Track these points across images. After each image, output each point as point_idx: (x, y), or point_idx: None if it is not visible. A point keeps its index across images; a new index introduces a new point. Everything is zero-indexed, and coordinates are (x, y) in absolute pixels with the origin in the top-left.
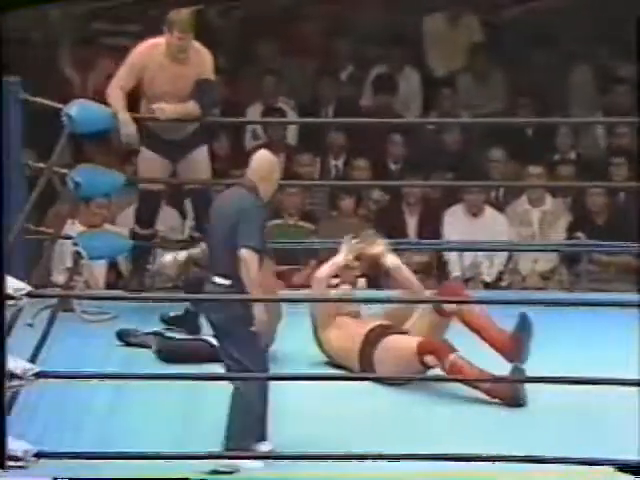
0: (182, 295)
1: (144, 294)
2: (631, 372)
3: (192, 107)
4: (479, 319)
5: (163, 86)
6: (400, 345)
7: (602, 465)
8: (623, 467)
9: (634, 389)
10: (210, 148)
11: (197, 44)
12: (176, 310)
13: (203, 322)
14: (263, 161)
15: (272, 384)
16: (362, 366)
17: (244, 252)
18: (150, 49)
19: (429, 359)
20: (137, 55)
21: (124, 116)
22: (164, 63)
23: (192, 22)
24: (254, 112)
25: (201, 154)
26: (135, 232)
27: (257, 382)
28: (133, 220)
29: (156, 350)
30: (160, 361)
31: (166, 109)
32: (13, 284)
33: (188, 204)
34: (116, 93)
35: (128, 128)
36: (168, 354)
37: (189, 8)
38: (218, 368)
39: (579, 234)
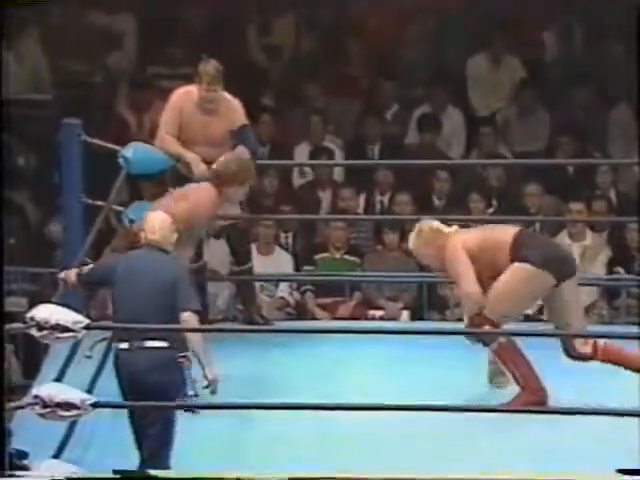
0: (239, 327)
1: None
2: None
3: (242, 152)
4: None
5: (194, 132)
6: None
7: None
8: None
9: None
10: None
11: (227, 95)
12: None
13: None
14: (165, 222)
15: None
16: None
17: (188, 315)
18: (185, 95)
19: None
20: (174, 101)
21: (192, 156)
22: (195, 111)
23: (219, 75)
24: (301, 151)
25: None
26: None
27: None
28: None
29: None
30: None
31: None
32: (72, 317)
33: None
34: (168, 139)
35: (199, 167)
36: None
37: (216, 61)
38: None
39: (619, 269)
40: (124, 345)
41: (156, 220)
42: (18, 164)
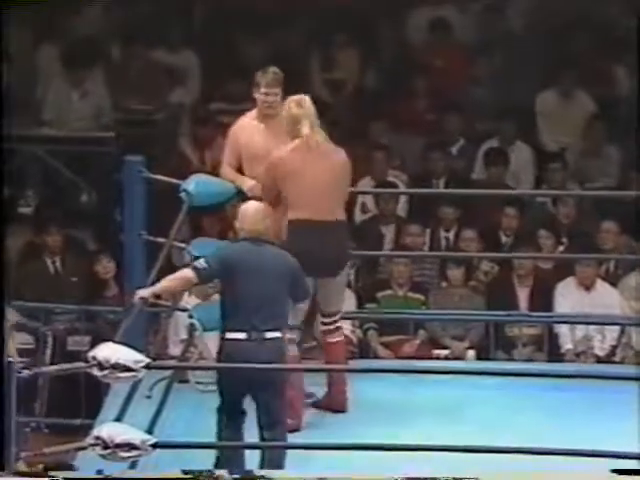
0: (307, 366)
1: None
2: None
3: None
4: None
5: (256, 149)
6: None
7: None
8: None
9: None
10: None
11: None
12: None
13: None
14: (262, 211)
15: None
16: None
17: (304, 304)
18: (240, 122)
19: None
20: (230, 134)
21: (250, 182)
22: (253, 130)
23: (279, 78)
24: (365, 186)
25: None
26: None
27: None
28: None
29: None
30: None
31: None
32: (133, 356)
33: None
34: (227, 169)
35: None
36: None
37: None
38: None
39: None
40: (240, 335)
41: (254, 210)
42: (81, 201)
